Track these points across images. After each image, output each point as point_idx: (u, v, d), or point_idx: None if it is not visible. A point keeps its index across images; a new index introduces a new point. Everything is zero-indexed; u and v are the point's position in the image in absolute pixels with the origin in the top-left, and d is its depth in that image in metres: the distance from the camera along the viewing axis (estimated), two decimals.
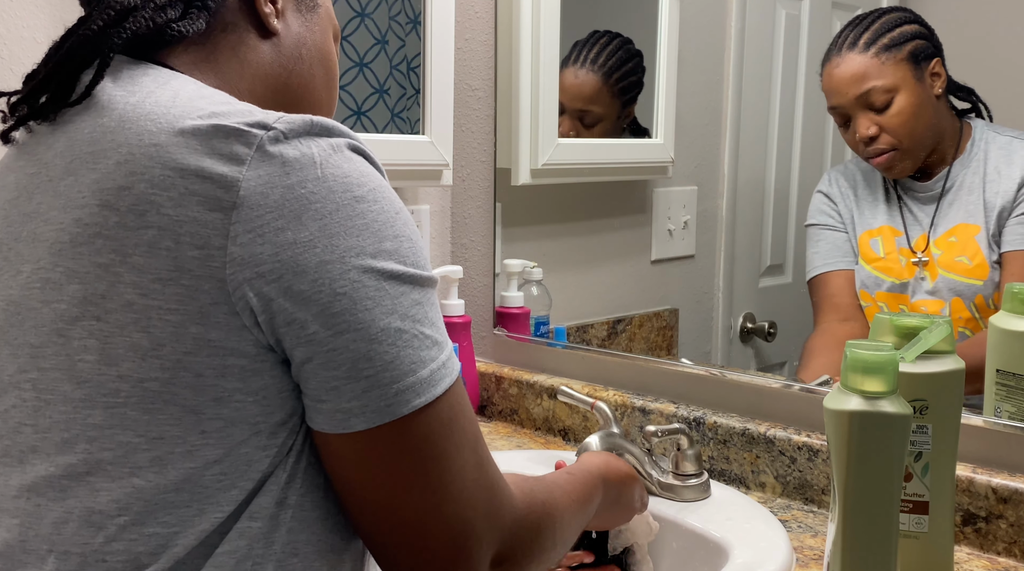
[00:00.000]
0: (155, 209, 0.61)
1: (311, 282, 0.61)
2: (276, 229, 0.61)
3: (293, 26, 0.78)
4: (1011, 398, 1.04)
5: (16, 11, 1.18)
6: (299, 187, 0.61)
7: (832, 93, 1.28)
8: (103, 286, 0.61)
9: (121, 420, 0.61)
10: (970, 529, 1.03)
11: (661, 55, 1.52)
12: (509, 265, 1.54)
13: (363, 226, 0.63)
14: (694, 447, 1.13)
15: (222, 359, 0.61)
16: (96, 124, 0.66)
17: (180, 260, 0.60)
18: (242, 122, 0.63)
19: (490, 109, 1.55)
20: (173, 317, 0.60)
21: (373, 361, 0.62)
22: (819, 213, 1.37)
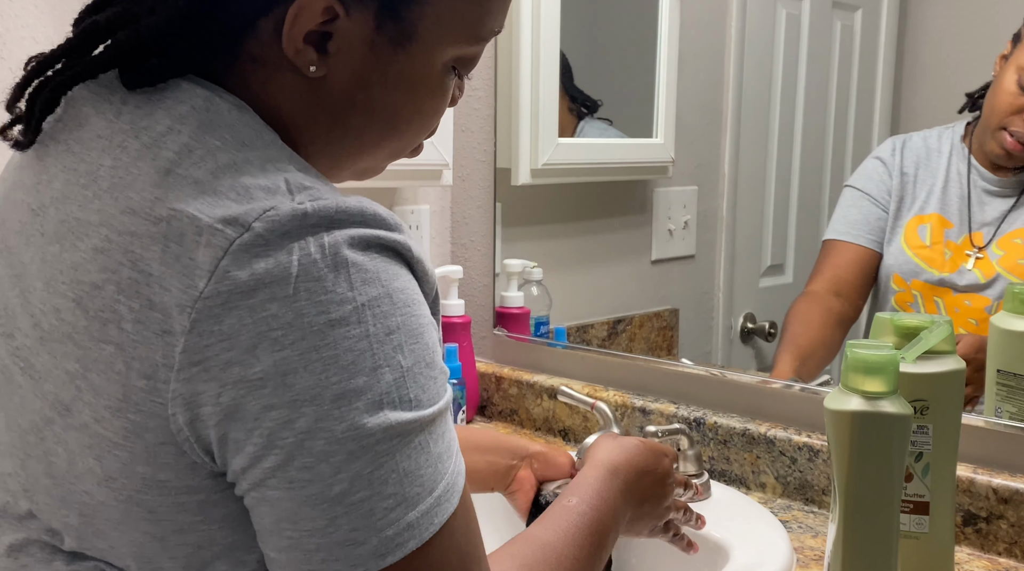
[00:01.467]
0: (117, 321, 0.54)
1: (247, 431, 0.52)
2: (224, 363, 0.52)
3: (352, 68, 0.63)
4: (1012, 398, 1.03)
5: (16, 11, 1.18)
6: (261, 309, 0.51)
7: None
8: (68, 396, 0.56)
9: (94, 530, 0.58)
10: (971, 529, 1.03)
11: (661, 55, 1.52)
12: (509, 265, 1.54)
13: (331, 359, 0.52)
14: (694, 447, 1.12)
15: (175, 498, 0.55)
16: (91, 174, 0.58)
17: (127, 389, 0.54)
18: (219, 218, 0.53)
19: (490, 109, 1.55)
20: (121, 453, 0.55)
21: (298, 525, 0.53)
22: (867, 179, 1.29)
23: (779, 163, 1.46)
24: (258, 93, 0.63)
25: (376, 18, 0.62)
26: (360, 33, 0.62)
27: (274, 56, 0.62)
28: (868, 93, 1.37)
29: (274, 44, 0.61)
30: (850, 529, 0.81)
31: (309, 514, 0.53)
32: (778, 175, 1.46)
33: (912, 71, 1.32)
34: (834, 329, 1.29)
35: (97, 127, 0.61)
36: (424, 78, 0.66)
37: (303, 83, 0.63)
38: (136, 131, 0.59)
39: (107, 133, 0.60)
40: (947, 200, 1.23)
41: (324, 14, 0.60)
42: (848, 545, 0.81)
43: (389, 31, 0.62)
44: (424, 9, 0.63)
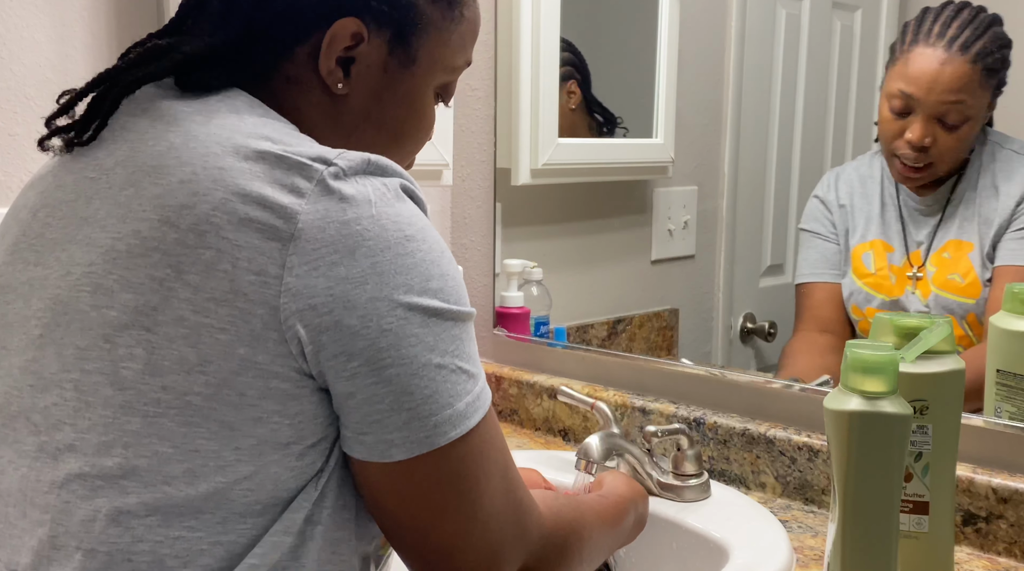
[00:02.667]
0: (215, 230, 0.63)
1: (360, 317, 0.63)
2: (330, 263, 0.63)
3: (369, 87, 0.77)
4: (1011, 398, 1.03)
5: (16, 11, 1.18)
6: (354, 224, 0.64)
7: (917, 83, 1.15)
8: (156, 299, 0.63)
9: (158, 430, 0.63)
10: (970, 529, 1.03)
11: (661, 55, 1.52)
12: (509, 265, 1.54)
13: (412, 265, 0.65)
14: (694, 447, 1.13)
15: (265, 381, 0.63)
16: (161, 137, 0.68)
17: (236, 283, 0.62)
18: (305, 155, 0.65)
19: (490, 109, 1.55)
20: (223, 336, 0.62)
21: (414, 395, 0.65)
22: (813, 219, 1.34)
23: (779, 163, 1.46)
24: (288, 109, 0.74)
25: (389, 43, 0.76)
26: (376, 57, 0.76)
27: (306, 77, 0.75)
28: (868, 93, 1.37)
29: (307, 67, 0.75)
30: (850, 529, 0.81)
31: (420, 384, 0.65)
32: (778, 175, 1.46)
33: None
34: (828, 356, 1.31)
35: (158, 111, 0.70)
36: (422, 97, 0.80)
37: (327, 101, 0.76)
38: (199, 112, 0.69)
39: (171, 113, 0.70)
40: (885, 223, 1.25)
41: (352, 39, 0.74)
42: (848, 545, 0.81)
43: (399, 56, 0.77)
44: (423, 39, 0.77)
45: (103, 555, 0.63)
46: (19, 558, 0.66)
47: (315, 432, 0.66)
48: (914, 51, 1.16)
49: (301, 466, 0.66)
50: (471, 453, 0.68)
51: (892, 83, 1.18)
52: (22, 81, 1.18)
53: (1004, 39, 1.13)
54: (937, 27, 1.14)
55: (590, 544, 0.82)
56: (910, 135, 1.17)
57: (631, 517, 0.94)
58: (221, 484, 0.64)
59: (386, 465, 0.66)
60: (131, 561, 0.63)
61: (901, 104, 1.17)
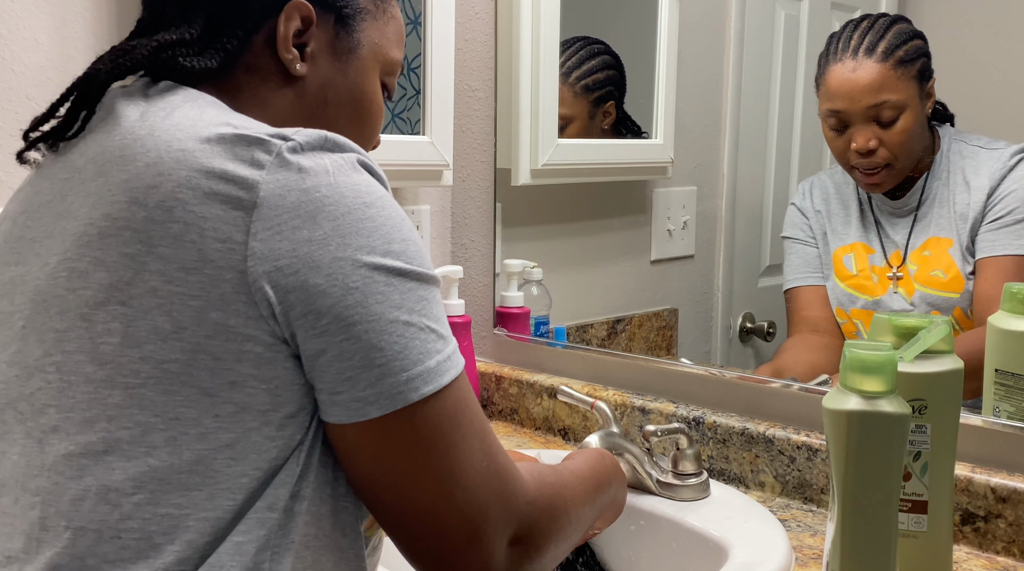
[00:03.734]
0: (181, 206, 0.65)
1: (326, 276, 0.65)
2: (293, 227, 0.65)
3: (322, 70, 0.81)
4: (1010, 398, 1.04)
5: (16, 11, 1.18)
6: (314, 191, 0.66)
7: (839, 97, 1.23)
8: (129, 274, 0.65)
9: (139, 400, 0.65)
10: (969, 528, 1.04)
11: (661, 55, 1.52)
12: (509, 265, 1.54)
13: (372, 229, 0.67)
14: (693, 447, 1.13)
15: (239, 344, 0.65)
16: (127, 131, 0.71)
17: (204, 251, 0.64)
18: (264, 132, 0.68)
19: (490, 109, 1.55)
20: (195, 303, 0.64)
21: (384, 351, 0.66)
22: (792, 226, 1.37)
23: (778, 163, 1.46)
24: (251, 96, 0.79)
25: (334, 28, 0.81)
26: (326, 39, 0.81)
27: (264, 64, 0.79)
28: None
29: (264, 54, 0.79)
30: (848, 528, 0.81)
31: (389, 340, 0.66)
32: (777, 175, 1.47)
33: None
34: (822, 353, 1.32)
35: (123, 112, 0.73)
36: (369, 78, 0.85)
37: (286, 85, 0.80)
38: (163, 107, 0.72)
39: (135, 112, 0.72)
40: (864, 227, 1.29)
41: (303, 22, 0.79)
42: (847, 544, 0.81)
43: (344, 40, 0.82)
44: (362, 25, 0.83)
45: (92, 533, 0.64)
46: (12, 544, 0.67)
47: (292, 400, 0.67)
48: (829, 70, 1.24)
49: (282, 436, 0.67)
50: (446, 412, 0.68)
51: (822, 105, 1.26)
52: (23, 81, 1.18)
53: (910, 32, 1.21)
54: (841, 43, 1.23)
55: (576, 506, 0.81)
56: (855, 145, 1.22)
57: (611, 486, 0.94)
58: (203, 452, 0.65)
59: (362, 425, 0.67)
60: (120, 538, 0.64)
61: (836, 121, 1.24)
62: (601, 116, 1.56)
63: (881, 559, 0.81)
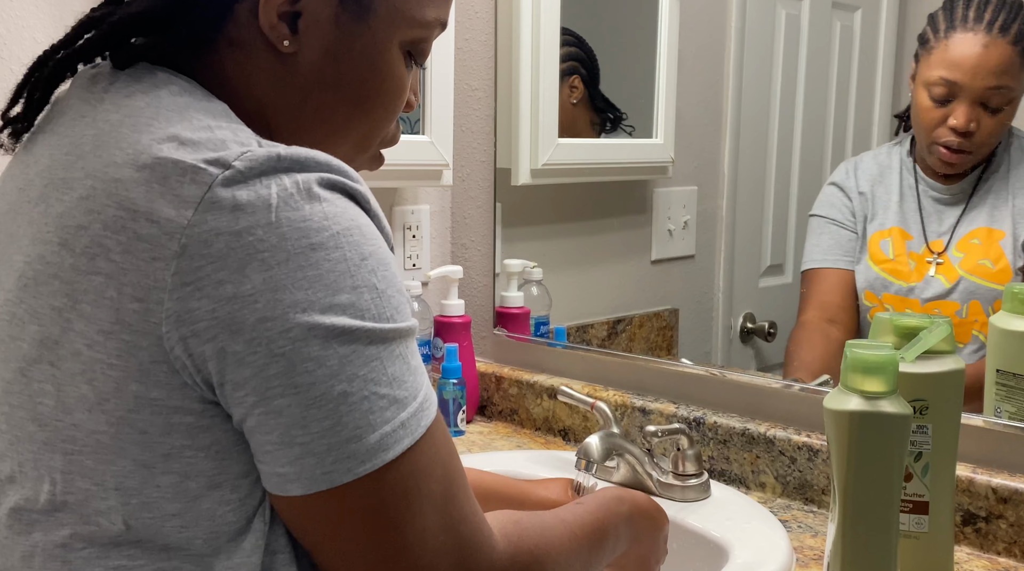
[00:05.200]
0: (104, 254, 0.58)
1: (246, 342, 0.56)
2: (216, 282, 0.56)
3: (321, 43, 0.68)
4: (1011, 398, 1.03)
5: (16, 11, 1.18)
6: (247, 234, 0.56)
7: (960, 69, 1.14)
8: (56, 331, 0.59)
9: (79, 468, 0.59)
10: (970, 529, 1.03)
11: (661, 55, 1.52)
12: (509, 265, 1.54)
13: (315, 277, 0.57)
14: (694, 447, 1.13)
15: (166, 417, 0.58)
16: (75, 143, 0.63)
17: (121, 313, 0.57)
18: (202, 158, 0.58)
19: (490, 109, 1.55)
20: (114, 373, 0.58)
21: (308, 428, 0.57)
22: (829, 206, 1.32)
23: (779, 163, 1.46)
24: (234, 74, 0.68)
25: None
26: (326, 9, 0.68)
27: (249, 38, 0.67)
28: (868, 93, 1.37)
29: (249, 26, 0.67)
30: (850, 528, 0.81)
31: (316, 415, 0.57)
32: (778, 175, 1.46)
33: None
34: (836, 354, 1.31)
35: (80, 110, 0.65)
36: (383, 54, 0.71)
37: (276, 62, 0.68)
38: (117, 107, 0.63)
39: (90, 112, 0.64)
40: (904, 213, 1.25)
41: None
42: (848, 544, 0.81)
43: (351, 7, 0.68)
44: None
45: None
46: None
47: (240, 460, 0.60)
48: (953, 37, 1.14)
49: (237, 499, 0.60)
50: (388, 490, 0.59)
51: (931, 71, 1.17)
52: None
53: None
54: (972, 12, 1.14)
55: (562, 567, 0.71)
56: (954, 121, 1.15)
57: (616, 531, 0.81)
58: (150, 520, 0.59)
59: (286, 500, 0.60)
60: None
61: (943, 91, 1.16)
62: (568, 91, 1.55)
63: (882, 560, 0.81)
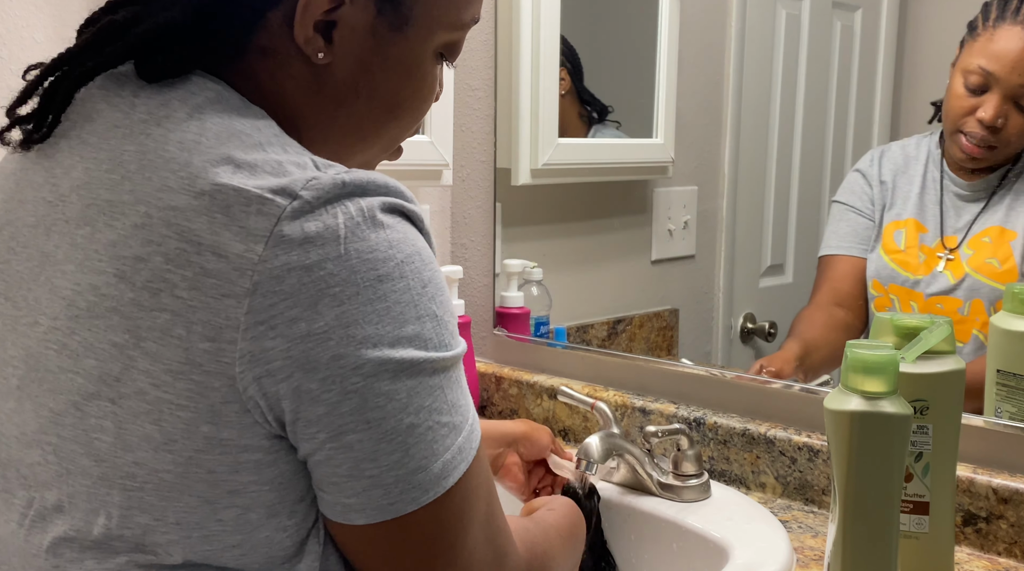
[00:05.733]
0: (169, 289, 0.57)
1: (321, 381, 0.57)
2: (289, 320, 0.56)
3: (355, 54, 0.67)
4: (1011, 398, 1.03)
5: (16, 11, 1.18)
6: (318, 269, 0.56)
7: (1001, 61, 1.13)
8: (117, 368, 0.58)
9: (139, 503, 0.59)
10: (971, 529, 1.03)
11: (661, 55, 1.52)
12: (509, 265, 1.54)
13: (384, 310, 0.58)
14: (694, 447, 1.12)
15: (235, 456, 0.58)
16: (116, 158, 0.61)
17: (191, 352, 0.56)
18: (266, 187, 0.57)
19: (490, 109, 1.55)
20: (184, 414, 0.57)
21: (378, 461, 0.58)
22: (850, 193, 1.32)
23: (779, 163, 1.46)
24: (265, 84, 0.66)
25: (377, 3, 0.66)
26: (362, 19, 0.66)
27: (282, 47, 0.66)
28: (868, 93, 1.37)
29: (282, 35, 0.65)
30: (850, 529, 0.81)
31: (386, 449, 0.58)
32: (778, 175, 1.46)
33: (912, 71, 1.32)
34: (839, 333, 1.32)
35: (112, 118, 0.63)
36: (419, 62, 0.70)
37: (308, 72, 0.67)
38: (157, 119, 0.62)
39: (125, 122, 0.62)
40: (923, 205, 1.25)
41: (331, 1, 0.64)
42: (848, 545, 0.81)
43: (388, 16, 0.67)
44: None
45: None
46: None
47: (300, 487, 0.61)
48: (1000, 28, 1.13)
49: (293, 524, 0.62)
50: (446, 515, 0.61)
51: (971, 59, 1.16)
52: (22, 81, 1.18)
53: None
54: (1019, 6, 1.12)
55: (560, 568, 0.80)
56: (983, 114, 1.15)
57: (582, 539, 0.92)
58: (209, 552, 0.60)
59: (347, 528, 0.61)
60: None
61: (979, 81, 1.15)
62: None
63: (882, 560, 0.81)
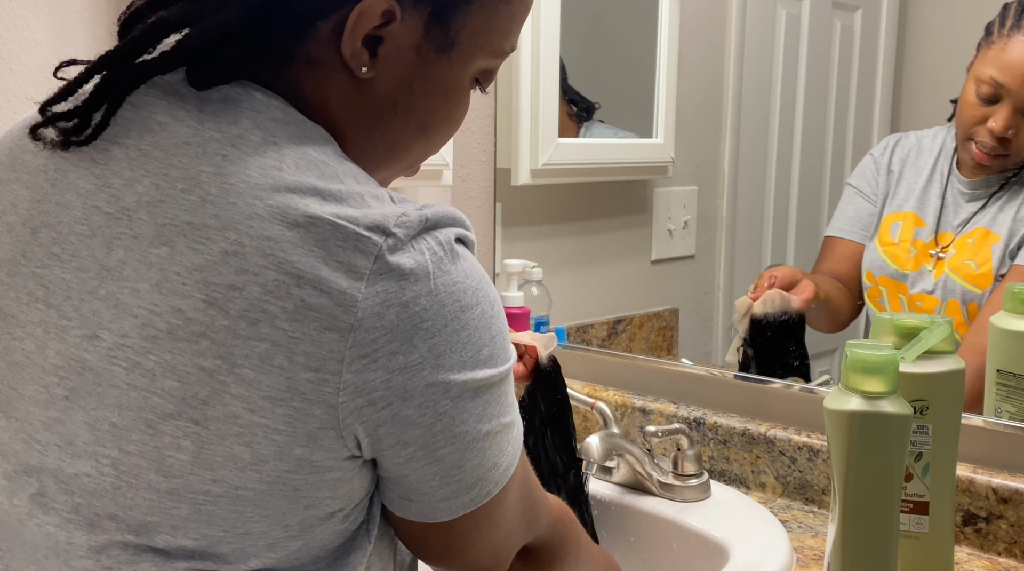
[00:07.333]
0: (269, 320, 0.57)
1: (417, 406, 0.60)
2: (389, 353, 0.58)
3: (398, 72, 0.67)
4: (1011, 398, 1.03)
5: (16, 11, 1.18)
6: (413, 305, 0.59)
7: (1012, 72, 1.13)
8: (205, 391, 0.58)
9: (209, 516, 0.60)
10: (970, 529, 1.03)
11: (661, 55, 1.52)
12: (509, 265, 1.54)
13: (466, 339, 0.61)
14: (694, 447, 1.13)
15: (320, 476, 0.61)
16: (192, 181, 0.60)
17: (293, 381, 0.57)
18: (362, 224, 0.59)
19: (490, 109, 1.55)
20: (280, 438, 0.58)
21: (464, 467, 0.64)
22: (860, 177, 1.33)
23: (779, 163, 1.46)
24: (308, 95, 0.66)
25: (426, 24, 0.66)
26: (409, 38, 0.66)
27: (328, 58, 0.66)
28: (868, 93, 1.37)
29: (330, 46, 0.65)
30: (850, 529, 0.81)
31: (471, 456, 0.64)
32: (778, 175, 1.47)
33: (912, 71, 1.32)
34: (839, 291, 1.33)
35: (179, 134, 0.62)
36: (457, 85, 0.71)
37: (351, 86, 0.67)
38: (230, 140, 0.62)
39: (196, 140, 0.62)
40: (925, 199, 1.25)
41: (382, 17, 0.64)
42: (848, 545, 0.81)
43: (435, 37, 0.67)
44: (466, 20, 0.68)
45: None
46: None
47: (361, 495, 0.65)
48: (1014, 39, 1.13)
49: (346, 527, 0.65)
50: (506, 497, 0.68)
51: (984, 68, 1.16)
52: (22, 81, 1.18)
53: None
54: None
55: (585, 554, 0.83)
56: (993, 124, 1.15)
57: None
58: (271, 559, 0.62)
59: (430, 525, 0.67)
60: None
61: (989, 91, 1.15)
62: None
63: (882, 560, 0.81)
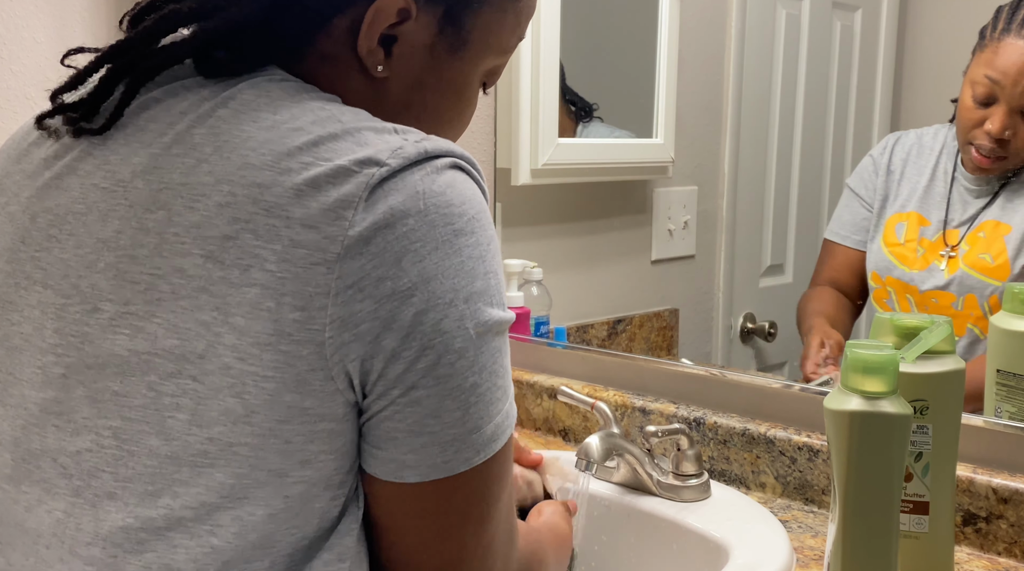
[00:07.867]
0: (259, 264, 0.57)
1: (403, 338, 0.58)
2: (376, 279, 0.57)
3: (412, 70, 0.68)
4: (1011, 398, 1.03)
5: (16, 11, 1.18)
6: (401, 226, 0.57)
7: (1006, 74, 1.13)
8: (202, 345, 0.58)
9: (207, 480, 0.59)
10: (970, 529, 1.03)
11: (661, 55, 1.52)
12: (509, 265, 1.54)
13: (459, 265, 0.59)
14: (694, 447, 1.12)
15: (312, 425, 0.59)
16: (187, 143, 0.61)
17: (280, 324, 0.57)
18: (353, 159, 0.58)
19: (490, 109, 1.55)
20: (269, 385, 0.57)
21: (440, 418, 0.60)
22: (859, 178, 1.32)
23: (779, 163, 1.46)
24: (324, 90, 0.66)
25: (439, 23, 0.67)
26: (423, 38, 0.67)
27: (343, 55, 0.66)
28: (868, 93, 1.37)
29: (344, 43, 0.66)
30: (850, 529, 0.81)
31: (450, 406, 0.59)
32: (778, 175, 1.47)
33: (912, 71, 1.33)
34: (844, 311, 1.33)
35: (176, 106, 0.63)
36: (467, 84, 0.72)
37: (366, 84, 0.67)
38: (223, 100, 0.62)
39: (190, 107, 0.62)
40: (929, 198, 1.25)
41: (398, 15, 0.65)
42: (848, 545, 0.81)
43: (448, 37, 0.68)
44: (477, 19, 0.69)
45: None
46: None
47: (353, 455, 0.63)
48: (1004, 41, 1.13)
49: (341, 495, 0.63)
50: (489, 478, 0.63)
51: (978, 70, 1.16)
52: (22, 81, 1.18)
53: None
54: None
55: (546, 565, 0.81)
56: (990, 126, 1.15)
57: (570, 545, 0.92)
58: (270, 530, 0.60)
59: (396, 486, 0.62)
60: None
61: (985, 92, 1.15)
62: None
63: (882, 560, 0.81)
